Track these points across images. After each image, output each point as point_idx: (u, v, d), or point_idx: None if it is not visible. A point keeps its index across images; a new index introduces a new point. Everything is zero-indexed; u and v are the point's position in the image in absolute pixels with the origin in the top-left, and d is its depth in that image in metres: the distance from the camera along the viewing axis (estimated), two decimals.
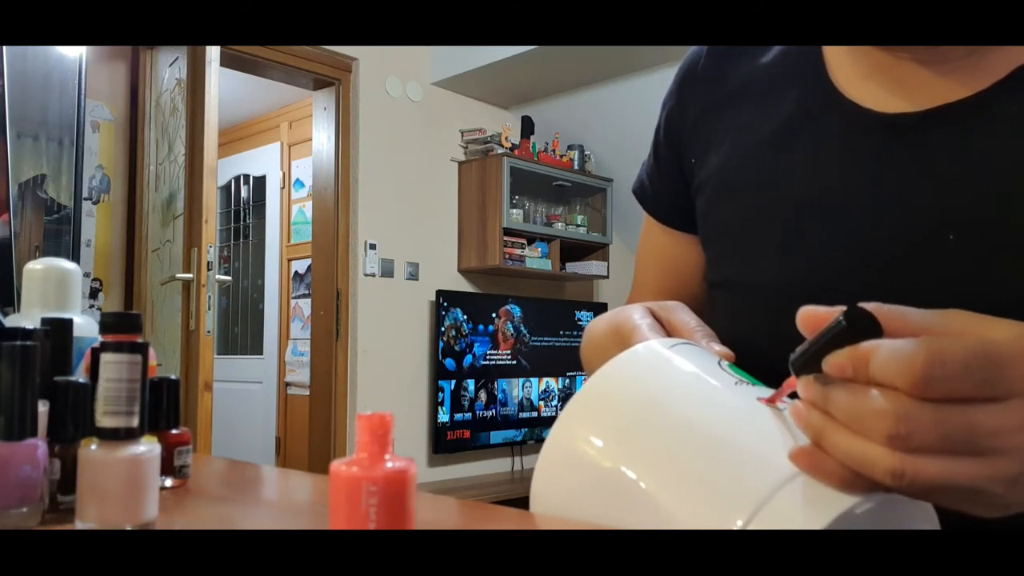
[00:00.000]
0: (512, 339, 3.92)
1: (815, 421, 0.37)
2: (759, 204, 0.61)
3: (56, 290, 0.68)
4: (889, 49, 0.56)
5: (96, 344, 0.49)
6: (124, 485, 0.41)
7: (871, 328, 0.37)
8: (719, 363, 0.47)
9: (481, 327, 3.82)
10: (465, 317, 3.76)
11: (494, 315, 3.86)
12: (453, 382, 3.71)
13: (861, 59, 0.59)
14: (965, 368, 0.34)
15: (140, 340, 0.44)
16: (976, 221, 0.51)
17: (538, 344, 4.04)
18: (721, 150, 0.66)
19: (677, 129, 0.71)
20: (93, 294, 3.16)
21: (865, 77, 0.58)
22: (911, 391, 0.34)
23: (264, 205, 5.05)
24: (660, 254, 0.77)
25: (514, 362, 3.94)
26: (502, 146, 3.87)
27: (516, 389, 3.95)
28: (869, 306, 0.37)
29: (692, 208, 0.70)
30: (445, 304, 3.70)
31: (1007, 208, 0.50)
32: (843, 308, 0.37)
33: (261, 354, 4.99)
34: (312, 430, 3.65)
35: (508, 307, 3.92)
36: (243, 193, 5.23)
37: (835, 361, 0.37)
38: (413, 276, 3.78)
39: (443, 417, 3.66)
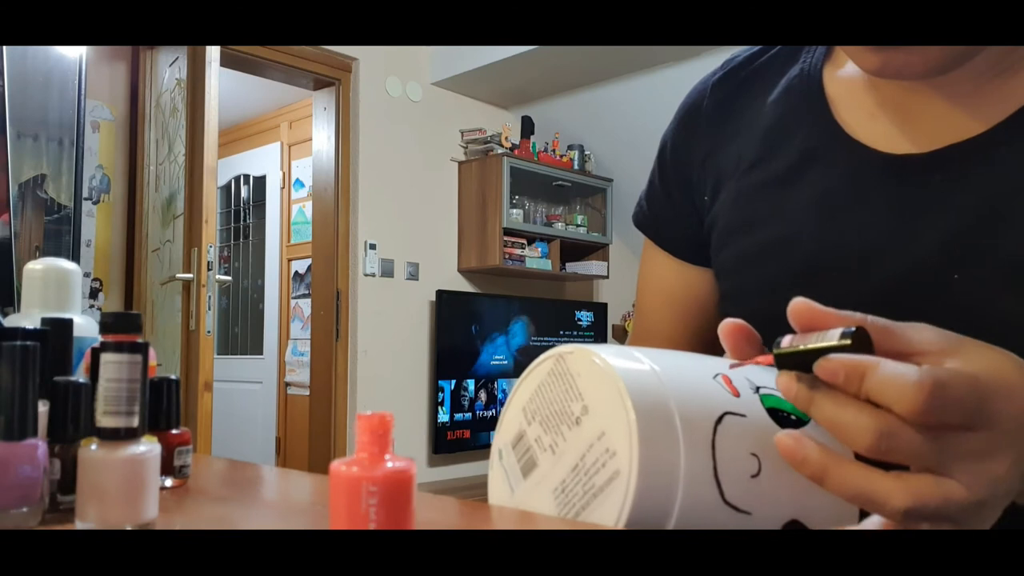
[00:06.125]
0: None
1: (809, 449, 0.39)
2: (769, 240, 0.62)
3: (56, 290, 0.68)
4: (901, 82, 0.57)
5: (96, 344, 0.49)
6: (124, 485, 0.41)
7: (867, 350, 0.38)
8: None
9: (481, 326, 3.82)
10: (465, 317, 3.76)
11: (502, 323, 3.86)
12: (453, 382, 3.71)
13: (871, 92, 0.59)
14: (960, 402, 0.36)
15: (140, 340, 0.44)
16: (978, 259, 0.52)
17: (538, 344, 4.04)
18: (731, 186, 0.66)
19: (686, 165, 0.71)
20: (93, 294, 3.16)
21: (872, 115, 0.59)
22: (908, 417, 0.36)
23: (264, 205, 5.05)
24: (664, 282, 0.77)
25: (512, 362, 3.94)
26: (502, 146, 3.87)
27: None
28: (867, 320, 0.39)
29: (701, 239, 0.70)
30: (444, 304, 3.70)
31: (1009, 247, 0.52)
32: (845, 316, 0.38)
33: (261, 354, 4.99)
34: (312, 430, 3.65)
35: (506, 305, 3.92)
36: (243, 193, 5.23)
37: (828, 367, 0.37)
38: (413, 276, 3.78)
39: (443, 417, 3.66)
